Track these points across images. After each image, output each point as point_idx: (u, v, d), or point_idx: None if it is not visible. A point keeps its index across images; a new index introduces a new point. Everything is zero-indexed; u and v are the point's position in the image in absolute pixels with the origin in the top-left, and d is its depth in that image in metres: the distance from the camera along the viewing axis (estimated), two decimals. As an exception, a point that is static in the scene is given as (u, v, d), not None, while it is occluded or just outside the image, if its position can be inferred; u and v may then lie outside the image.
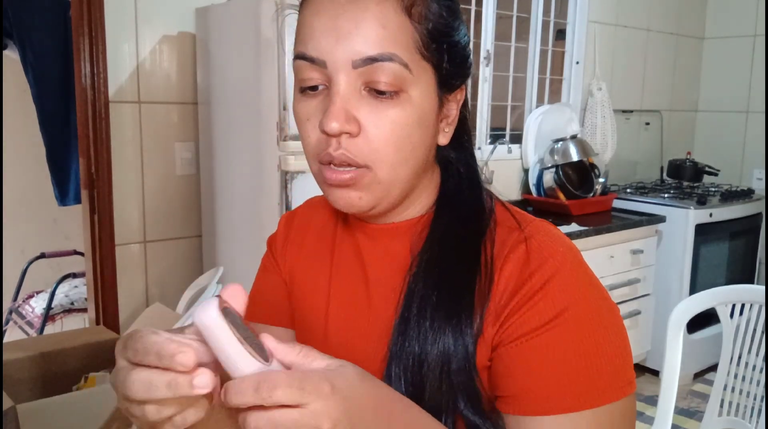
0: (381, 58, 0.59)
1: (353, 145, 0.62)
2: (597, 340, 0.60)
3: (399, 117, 0.61)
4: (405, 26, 0.60)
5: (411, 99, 0.62)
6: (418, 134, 0.63)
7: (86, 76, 1.98)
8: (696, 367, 3.21)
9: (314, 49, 0.61)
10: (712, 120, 3.98)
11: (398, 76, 0.60)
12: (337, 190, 0.64)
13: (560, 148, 3.00)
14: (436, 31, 0.63)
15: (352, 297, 0.73)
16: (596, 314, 0.61)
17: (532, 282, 0.61)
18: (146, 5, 2.12)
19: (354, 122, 0.61)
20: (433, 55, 0.63)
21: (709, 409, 1.64)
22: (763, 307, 1.58)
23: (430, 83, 0.63)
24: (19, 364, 1.73)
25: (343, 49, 0.60)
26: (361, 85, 0.61)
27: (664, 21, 3.70)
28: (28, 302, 2.80)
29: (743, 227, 3.34)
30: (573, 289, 0.61)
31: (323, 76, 0.62)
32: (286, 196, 1.85)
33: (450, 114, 0.68)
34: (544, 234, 0.66)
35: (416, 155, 0.64)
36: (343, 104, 0.61)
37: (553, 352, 0.60)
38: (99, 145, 2.00)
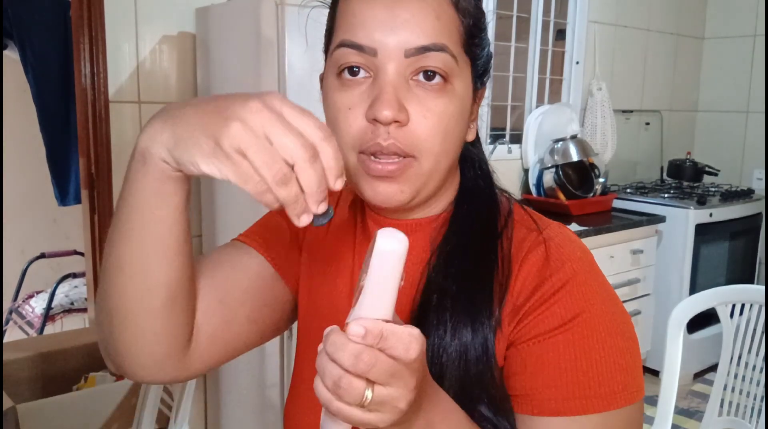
0: (434, 47, 0.61)
1: (402, 134, 0.61)
2: (609, 346, 0.61)
3: (445, 107, 0.62)
4: (454, 19, 0.62)
5: (455, 91, 0.63)
6: (460, 126, 0.65)
7: (86, 76, 1.98)
8: (696, 367, 3.21)
9: (366, 37, 0.61)
10: (712, 120, 3.98)
11: (448, 66, 0.62)
12: (380, 183, 0.63)
13: (560, 148, 3.00)
14: (476, 27, 0.65)
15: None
16: (610, 320, 0.62)
17: (550, 283, 0.62)
18: (146, 5, 2.12)
19: (404, 111, 0.61)
20: (472, 50, 0.65)
21: (709, 409, 1.63)
22: (763, 307, 1.58)
23: (468, 77, 0.65)
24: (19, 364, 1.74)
25: (398, 38, 0.60)
26: (410, 74, 0.62)
27: (664, 21, 3.70)
28: (28, 302, 2.80)
29: (743, 227, 3.34)
30: (589, 294, 0.62)
31: (370, 64, 0.62)
32: (286, 196, 1.85)
33: (476, 112, 0.70)
34: (562, 237, 0.67)
35: (455, 147, 0.66)
36: (395, 92, 0.61)
37: (565, 355, 0.60)
38: (99, 145, 2.00)
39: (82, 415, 1.53)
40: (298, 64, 1.79)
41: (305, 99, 1.83)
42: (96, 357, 1.87)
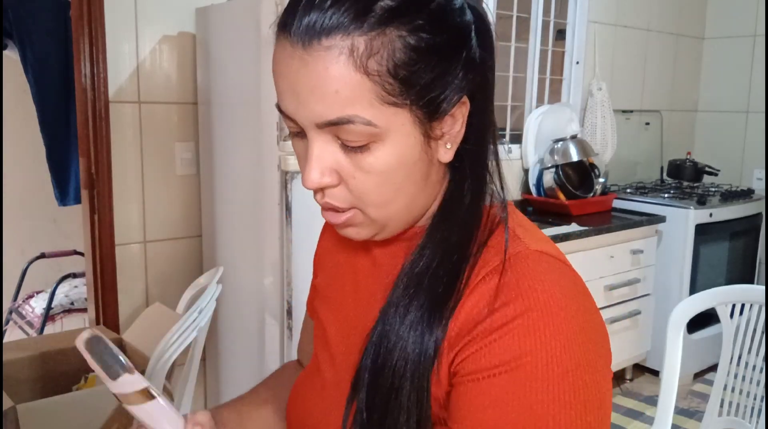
0: (340, 121, 0.58)
1: (336, 194, 0.63)
2: (549, 399, 0.55)
3: (374, 166, 0.60)
4: (361, 84, 0.57)
5: (383, 146, 0.60)
6: (401, 174, 0.62)
7: (86, 76, 1.98)
8: (696, 367, 3.21)
9: (284, 107, 0.62)
10: (712, 120, 3.98)
11: (363, 133, 0.59)
12: (338, 228, 0.67)
13: (560, 148, 3.00)
14: (405, 71, 0.58)
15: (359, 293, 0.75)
16: (557, 370, 0.55)
17: (494, 318, 0.58)
18: (146, 5, 2.12)
19: (332, 174, 0.62)
20: (404, 98, 0.59)
21: (709, 409, 1.64)
22: (763, 307, 1.58)
23: (405, 125, 0.60)
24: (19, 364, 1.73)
25: (305, 112, 0.59)
26: (333, 139, 0.61)
27: (664, 21, 3.70)
28: (28, 302, 2.80)
29: (743, 227, 3.34)
30: (537, 336, 0.56)
31: (298, 127, 0.62)
32: (286, 196, 1.85)
33: (450, 132, 0.64)
34: (528, 268, 0.61)
35: (405, 191, 0.63)
36: (318, 162, 0.61)
37: (496, 400, 0.56)
38: (99, 145, 2.00)
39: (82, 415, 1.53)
40: (298, 64, 1.79)
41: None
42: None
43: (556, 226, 2.73)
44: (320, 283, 0.84)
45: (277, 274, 1.92)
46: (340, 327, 0.76)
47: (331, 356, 0.76)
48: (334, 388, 0.73)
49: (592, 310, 0.61)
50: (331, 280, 0.81)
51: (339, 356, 0.74)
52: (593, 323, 0.60)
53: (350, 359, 0.70)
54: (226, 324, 2.21)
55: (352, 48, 0.56)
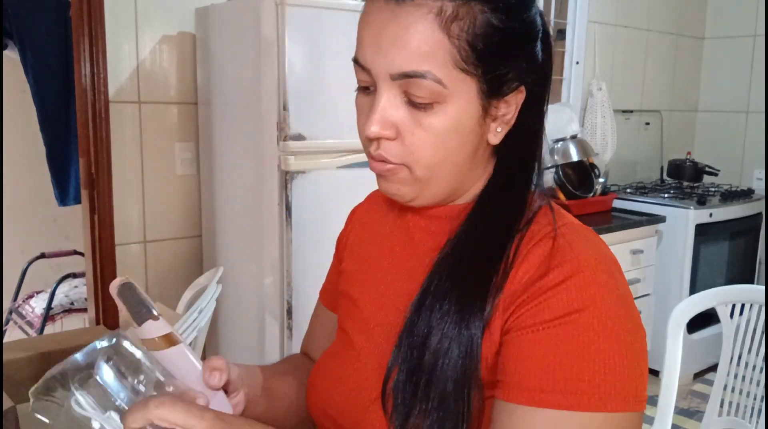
0: (414, 74, 0.63)
1: (390, 147, 0.67)
2: (605, 347, 0.59)
3: (433, 126, 0.65)
4: (442, 44, 0.62)
5: (446, 110, 0.65)
6: (457, 139, 0.66)
7: (86, 76, 1.98)
8: (696, 367, 3.21)
9: (362, 57, 0.66)
10: (712, 120, 3.98)
11: (432, 91, 0.63)
12: (380, 179, 0.71)
13: (560, 148, 3.00)
14: (481, 44, 0.64)
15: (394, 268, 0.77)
16: (612, 323, 0.60)
17: (550, 277, 0.62)
18: (146, 5, 2.12)
19: (391, 128, 0.66)
20: (475, 67, 0.64)
21: (709, 409, 1.64)
22: (763, 307, 1.58)
23: (469, 93, 0.65)
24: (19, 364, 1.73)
25: (383, 62, 0.64)
26: (401, 94, 0.65)
27: (664, 21, 3.70)
28: (28, 302, 2.79)
29: (743, 227, 3.34)
30: (592, 292, 0.60)
31: (372, 79, 0.66)
32: (286, 196, 1.85)
33: (504, 115, 0.69)
34: (577, 236, 0.66)
35: (454, 158, 0.68)
36: (382, 112, 0.65)
37: (556, 348, 0.59)
38: (99, 145, 2.00)
39: (82, 415, 1.53)
40: (298, 64, 1.79)
41: (305, 98, 1.83)
42: (96, 357, 1.86)
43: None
44: (349, 266, 0.85)
45: (277, 274, 1.92)
46: (377, 303, 0.77)
47: (367, 332, 0.76)
48: (370, 357, 0.74)
49: (624, 279, 0.66)
50: (364, 261, 0.83)
51: (376, 329, 0.75)
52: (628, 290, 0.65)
53: (390, 331, 0.71)
54: (226, 324, 2.21)
55: (441, 10, 0.62)
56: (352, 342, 0.78)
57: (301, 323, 1.91)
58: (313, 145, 1.86)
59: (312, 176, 1.86)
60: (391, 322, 0.72)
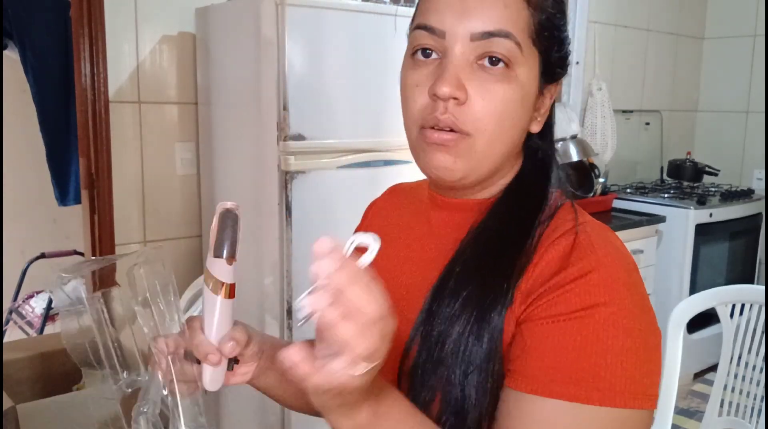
0: (498, 33, 0.65)
1: (459, 111, 0.66)
2: (622, 345, 0.59)
3: (505, 92, 0.66)
4: (523, 10, 0.66)
5: (518, 78, 0.66)
6: (519, 113, 0.68)
7: (86, 76, 1.98)
8: (696, 367, 3.21)
9: (437, 21, 0.66)
10: (712, 120, 3.98)
11: (511, 53, 0.65)
12: (436, 152, 0.68)
13: (560, 148, 3.00)
14: (549, 22, 0.68)
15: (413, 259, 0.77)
16: (627, 321, 0.60)
17: (572, 270, 0.62)
18: (146, 5, 2.12)
19: (463, 90, 0.65)
20: (542, 43, 0.68)
21: (709, 409, 1.64)
22: (763, 307, 1.58)
23: (534, 68, 0.68)
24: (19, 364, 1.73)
25: (466, 22, 0.65)
26: (475, 58, 0.66)
27: (664, 21, 3.70)
28: (28, 302, 2.79)
29: (743, 227, 3.34)
30: (611, 289, 0.61)
31: (439, 46, 0.67)
32: (286, 196, 1.85)
33: (544, 105, 0.72)
34: (597, 233, 0.67)
35: (512, 133, 0.69)
36: (456, 72, 0.65)
37: (573, 340, 0.60)
38: (99, 145, 2.00)
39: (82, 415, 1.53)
40: (298, 64, 1.79)
41: (305, 98, 1.83)
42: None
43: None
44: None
45: (277, 274, 1.92)
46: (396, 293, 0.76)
47: None
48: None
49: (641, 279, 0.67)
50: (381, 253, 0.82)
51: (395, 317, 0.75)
52: (644, 290, 0.66)
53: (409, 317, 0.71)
54: (226, 324, 2.21)
55: None
56: None
57: (301, 323, 1.91)
58: (313, 145, 1.86)
59: (312, 176, 1.86)
60: (411, 309, 0.72)
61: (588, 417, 0.58)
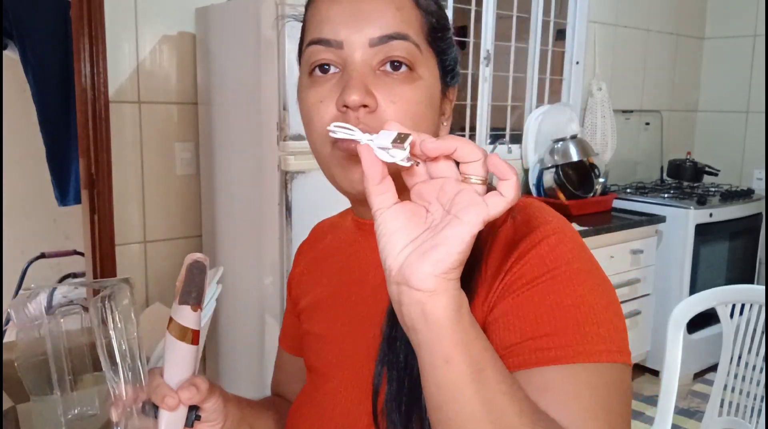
0: (396, 36, 0.64)
1: (371, 119, 0.63)
2: (586, 300, 0.59)
3: (412, 94, 0.65)
4: (415, 13, 0.66)
5: (422, 79, 0.66)
6: (429, 115, 0.67)
7: (86, 76, 1.98)
8: (696, 367, 3.21)
9: (332, 32, 0.65)
10: (712, 120, 3.98)
11: (411, 54, 0.65)
12: (354, 166, 0.64)
13: (560, 148, 3.00)
14: (439, 25, 0.68)
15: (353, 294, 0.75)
16: (587, 276, 0.61)
17: (523, 245, 0.61)
18: (146, 5, 2.12)
19: (372, 96, 0.63)
20: (437, 45, 0.68)
21: (709, 409, 1.64)
22: (763, 307, 1.58)
23: (434, 70, 0.68)
24: (19, 364, 1.73)
25: (362, 29, 0.64)
26: (377, 64, 0.65)
27: (664, 21, 3.70)
28: (28, 302, 2.79)
29: (743, 227, 3.34)
30: (565, 251, 0.61)
31: (338, 58, 0.65)
32: (286, 196, 1.85)
33: (447, 110, 0.71)
34: (535, 208, 0.65)
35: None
36: (362, 79, 0.63)
37: (541, 303, 0.59)
38: (99, 145, 2.00)
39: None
40: (298, 64, 1.79)
41: (305, 99, 1.83)
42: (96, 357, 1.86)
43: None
44: (306, 304, 0.82)
45: (277, 274, 1.92)
46: (346, 333, 0.74)
47: (342, 363, 0.74)
48: (352, 386, 0.72)
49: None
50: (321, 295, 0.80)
51: (352, 358, 0.73)
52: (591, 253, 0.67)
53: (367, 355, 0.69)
54: (226, 324, 2.21)
55: None
56: (327, 378, 0.75)
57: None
58: (313, 145, 1.86)
59: (312, 176, 1.86)
60: (366, 346, 0.70)
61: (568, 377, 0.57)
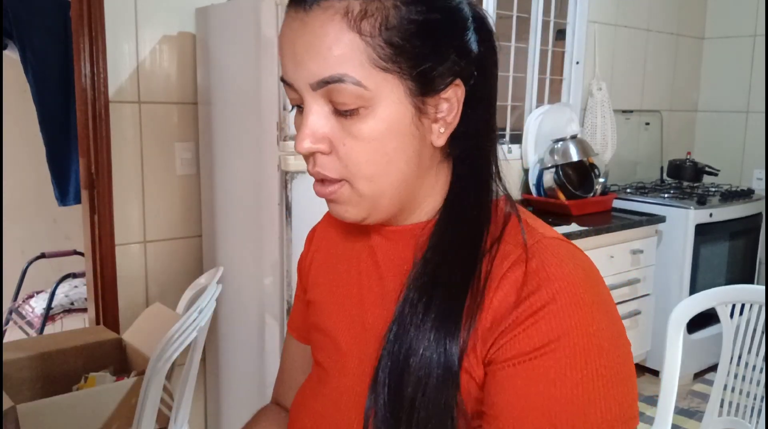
0: (332, 79, 0.60)
1: (327, 162, 0.64)
2: (593, 370, 0.58)
3: (363, 132, 0.62)
4: (354, 44, 0.60)
5: (374, 114, 0.62)
6: (392, 145, 0.63)
7: (86, 76, 1.98)
8: (696, 367, 3.21)
9: (284, 73, 0.64)
10: (712, 120, 3.98)
11: (355, 94, 0.60)
12: (329, 204, 0.68)
13: (560, 148, 3.00)
14: (398, 39, 0.60)
15: (364, 293, 0.74)
16: (595, 343, 0.58)
17: (528, 303, 0.59)
18: (146, 5, 2.12)
19: (324, 141, 0.63)
20: (395, 64, 0.61)
21: (709, 409, 1.64)
22: (763, 307, 1.58)
23: (395, 92, 0.62)
24: (19, 364, 1.73)
25: (301, 73, 0.62)
26: (327, 104, 0.63)
27: (664, 21, 3.70)
28: (28, 302, 2.80)
29: (743, 227, 3.34)
30: (570, 316, 0.58)
31: (298, 96, 0.64)
32: (286, 196, 1.85)
33: (446, 117, 0.65)
34: (550, 254, 0.62)
35: (397, 165, 0.64)
36: (312, 126, 0.63)
37: (541, 379, 0.58)
38: (99, 145, 2.00)
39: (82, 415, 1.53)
40: (298, 64, 1.79)
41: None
42: (96, 357, 1.86)
43: (556, 226, 2.73)
44: (317, 296, 0.81)
45: (277, 274, 1.92)
46: (353, 334, 0.74)
47: (345, 367, 0.73)
48: (350, 393, 0.72)
49: (605, 287, 0.64)
50: (332, 289, 0.79)
51: (355, 362, 0.73)
52: (609, 299, 0.63)
53: (367, 364, 0.69)
54: (226, 324, 2.21)
55: (348, 9, 0.59)
56: (329, 377, 0.75)
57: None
58: (313, 145, 1.86)
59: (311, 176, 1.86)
60: (369, 354, 0.69)
61: None
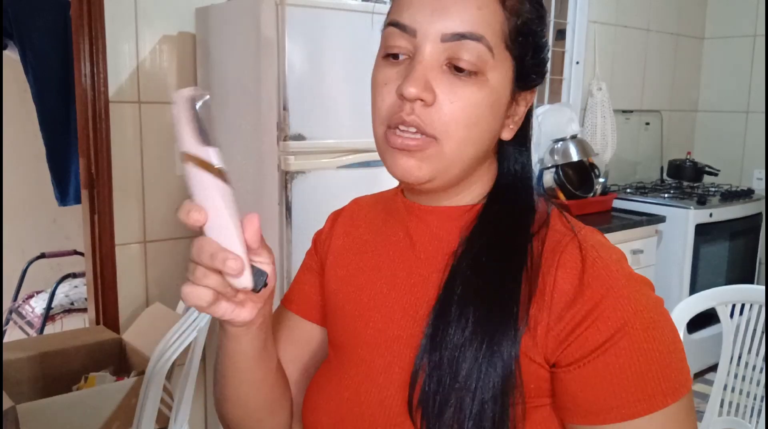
0: (470, 36, 0.62)
1: (426, 113, 0.64)
2: (656, 346, 0.61)
3: (474, 97, 0.64)
4: (498, 13, 0.64)
5: (488, 82, 0.64)
6: (488, 119, 0.65)
7: (86, 76, 1.98)
8: (696, 367, 3.21)
9: (408, 18, 0.64)
10: (712, 120, 3.98)
11: (481, 57, 0.63)
12: (401, 156, 0.65)
13: (560, 148, 3.00)
14: (525, 27, 0.65)
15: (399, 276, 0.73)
16: (651, 323, 0.62)
17: (585, 298, 0.62)
18: (146, 5, 2.12)
19: (431, 92, 0.63)
20: (516, 49, 0.65)
21: (709, 409, 1.63)
22: (763, 307, 1.58)
23: (507, 74, 0.66)
24: (19, 364, 1.74)
25: (437, 21, 0.63)
26: (445, 59, 0.64)
27: (664, 21, 3.70)
28: (28, 302, 2.80)
29: (743, 227, 3.34)
30: (626, 305, 0.61)
31: (410, 45, 0.65)
32: (286, 196, 1.85)
33: (517, 112, 0.70)
34: (596, 241, 0.67)
35: (482, 139, 0.66)
36: (424, 73, 0.63)
37: (616, 368, 0.61)
38: (99, 145, 2.00)
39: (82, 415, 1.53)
40: (298, 64, 1.79)
41: (305, 98, 1.83)
42: (96, 357, 1.86)
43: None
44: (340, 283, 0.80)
45: (277, 273, 1.92)
46: (388, 315, 0.73)
47: (381, 345, 0.72)
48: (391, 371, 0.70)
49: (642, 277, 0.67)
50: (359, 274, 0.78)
51: (394, 342, 0.71)
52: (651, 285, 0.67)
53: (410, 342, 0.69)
54: (226, 324, 2.21)
55: None
56: (361, 359, 0.73)
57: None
58: (313, 145, 1.86)
59: (312, 176, 1.86)
60: (410, 333, 0.69)
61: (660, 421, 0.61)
